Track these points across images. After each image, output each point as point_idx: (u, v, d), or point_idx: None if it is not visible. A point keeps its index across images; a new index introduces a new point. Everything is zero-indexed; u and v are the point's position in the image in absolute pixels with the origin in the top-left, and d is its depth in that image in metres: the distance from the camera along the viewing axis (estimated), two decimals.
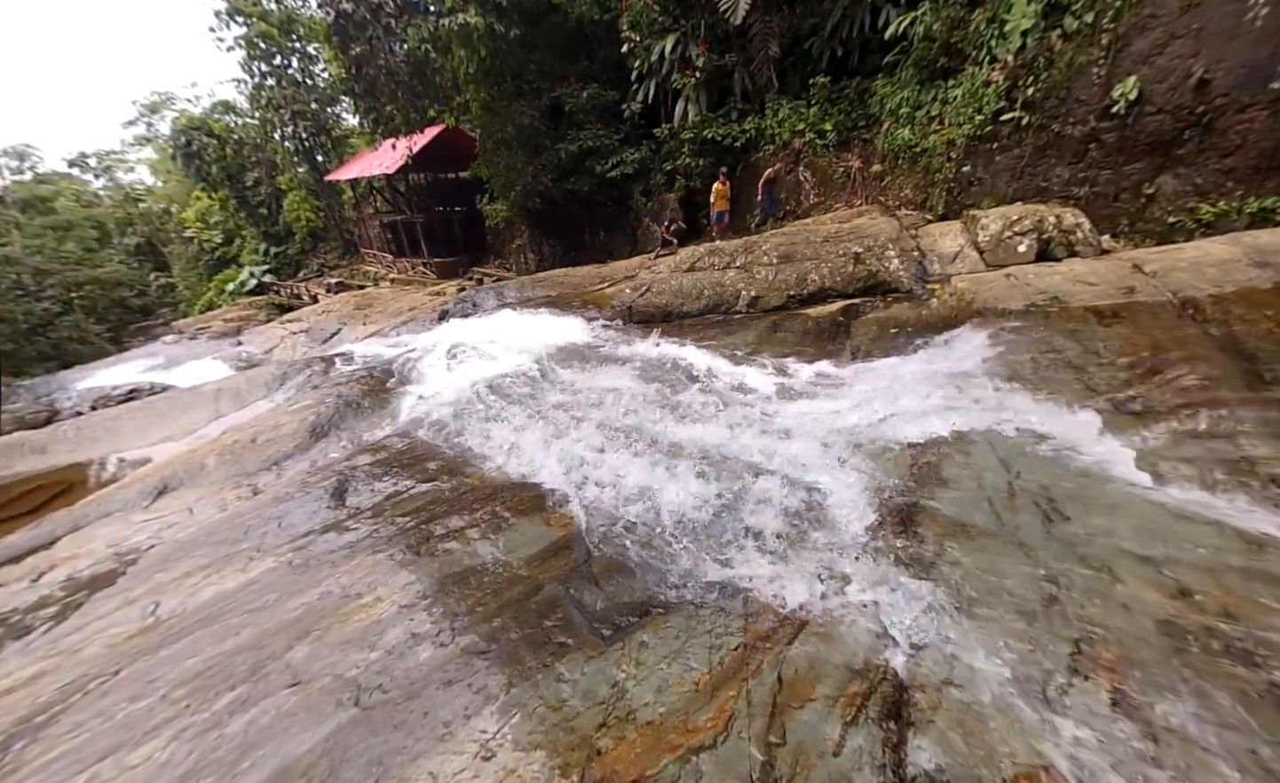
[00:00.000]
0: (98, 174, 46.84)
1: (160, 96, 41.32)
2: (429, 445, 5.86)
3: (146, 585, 3.58)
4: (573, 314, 12.27)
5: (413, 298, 22.73)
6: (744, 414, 5.33)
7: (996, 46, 9.64)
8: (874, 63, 12.93)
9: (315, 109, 29.13)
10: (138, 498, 6.12)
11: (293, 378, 11.08)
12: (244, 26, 26.81)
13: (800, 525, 3.41)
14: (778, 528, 3.38)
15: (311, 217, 32.32)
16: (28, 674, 2.94)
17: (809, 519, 3.46)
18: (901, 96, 11.83)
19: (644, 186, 17.77)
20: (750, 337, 8.57)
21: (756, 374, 6.75)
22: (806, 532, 3.36)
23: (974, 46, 10.12)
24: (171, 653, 2.77)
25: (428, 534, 3.54)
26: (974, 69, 10.10)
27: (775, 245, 10.36)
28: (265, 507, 4.62)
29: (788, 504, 3.59)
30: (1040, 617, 2.65)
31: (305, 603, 2.99)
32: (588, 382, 7.49)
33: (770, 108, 14.34)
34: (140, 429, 9.93)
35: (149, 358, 23.78)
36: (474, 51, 14.80)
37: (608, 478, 4.22)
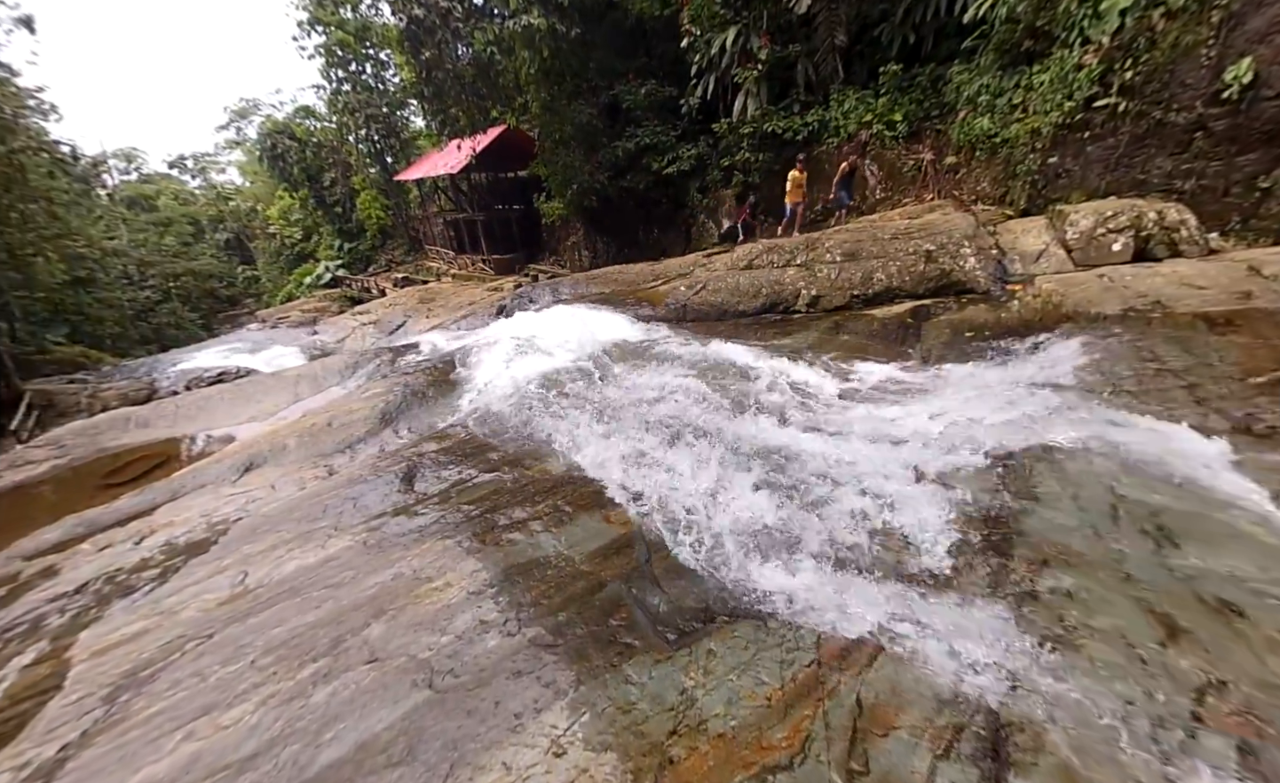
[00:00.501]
0: (194, 174, 51.39)
1: (248, 103, 44.89)
2: (490, 437, 5.99)
3: (236, 556, 3.85)
4: (626, 311, 12.28)
5: (472, 293, 23.53)
6: (807, 418, 5.13)
7: (1090, 27, 8.85)
8: (950, 48, 12.22)
9: (386, 113, 30.70)
10: (227, 473, 6.63)
11: (363, 367, 11.70)
12: (323, 35, 28.60)
13: (875, 541, 3.23)
14: (849, 542, 3.21)
15: (381, 215, 34.12)
16: (133, 630, 3.21)
17: (884, 534, 3.26)
18: (980, 83, 11.09)
19: (700, 183, 17.58)
20: (811, 337, 8.28)
21: (819, 376, 6.51)
22: (882, 548, 3.17)
23: (1063, 28, 9.34)
24: (259, 621, 2.96)
25: (492, 524, 3.62)
26: (1063, 52, 9.33)
27: (839, 243, 9.97)
28: (341, 488, 4.87)
29: (859, 517, 3.40)
30: (1154, 658, 2.37)
31: (379, 582, 3.12)
32: (643, 379, 7.45)
33: (835, 99, 13.83)
34: (229, 409, 10.76)
35: (236, 344, 25.78)
36: (536, 52, 15.09)
37: (666, 478, 4.17)
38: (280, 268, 40.62)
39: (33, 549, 6.01)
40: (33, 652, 3.21)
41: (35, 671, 3.00)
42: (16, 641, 3.42)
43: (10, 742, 2.45)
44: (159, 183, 47.95)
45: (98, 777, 2.19)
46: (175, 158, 51.03)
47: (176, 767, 2.16)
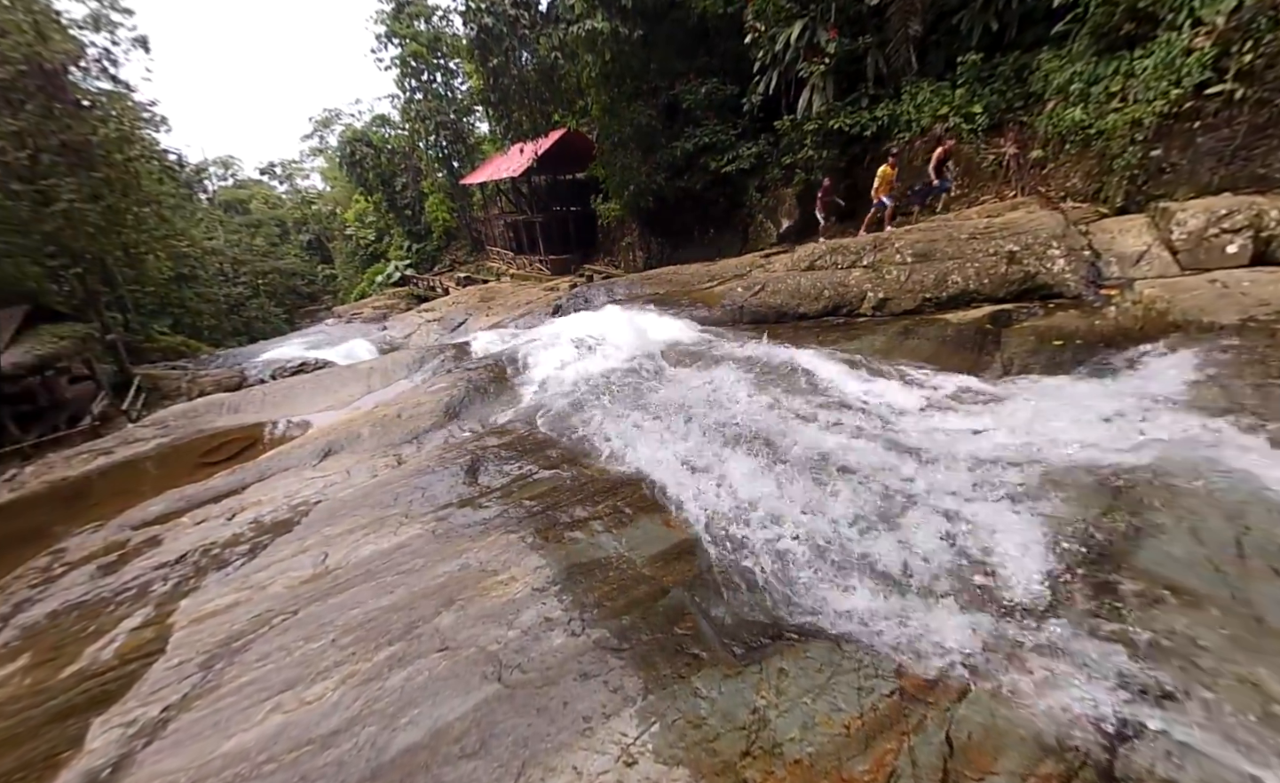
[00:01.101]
0: (282, 180, 55.79)
1: (331, 113, 48.25)
2: (548, 434, 6.08)
3: (317, 537, 4.08)
4: (681, 312, 12.19)
5: (529, 292, 24.15)
6: (877, 428, 4.87)
7: (1202, 7, 7.97)
8: (1037, 35, 11.38)
9: (454, 119, 32.17)
10: (309, 457, 7.08)
11: (429, 362, 12.24)
12: (399, 47, 30.30)
13: (959, 565, 2.99)
14: (930, 566, 2.99)
15: (447, 217, 35.74)
16: (226, 602, 3.47)
17: (968, 559, 3.02)
18: (1072, 71, 10.23)
19: (759, 182, 17.25)
20: (878, 342, 7.89)
21: (888, 384, 6.18)
22: (968, 573, 2.94)
23: (1170, 9, 8.46)
24: (339, 602, 3.12)
25: (554, 521, 3.65)
26: (1170, 35, 8.44)
27: (910, 243, 9.47)
28: (410, 477, 5.08)
29: (940, 539, 3.17)
30: None
31: (448, 572, 3.22)
32: (699, 382, 7.35)
33: (908, 91, 13.18)
34: (310, 398, 11.55)
35: (314, 337, 27.67)
36: (598, 55, 15.27)
37: (727, 484, 4.06)
38: (355, 267, 43.35)
39: (140, 520, 6.65)
40: (140, 615, 3.53)
41: (141, 634, 3.30)
42: (126, 603, 3.78)
43: (119, 700, 2.70)
44: (251, 188, 52.36)
45: (195, 740, 2.37)
46: (266, 165, 55.67)
47: (265, 737, 2.30)
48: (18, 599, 5.26)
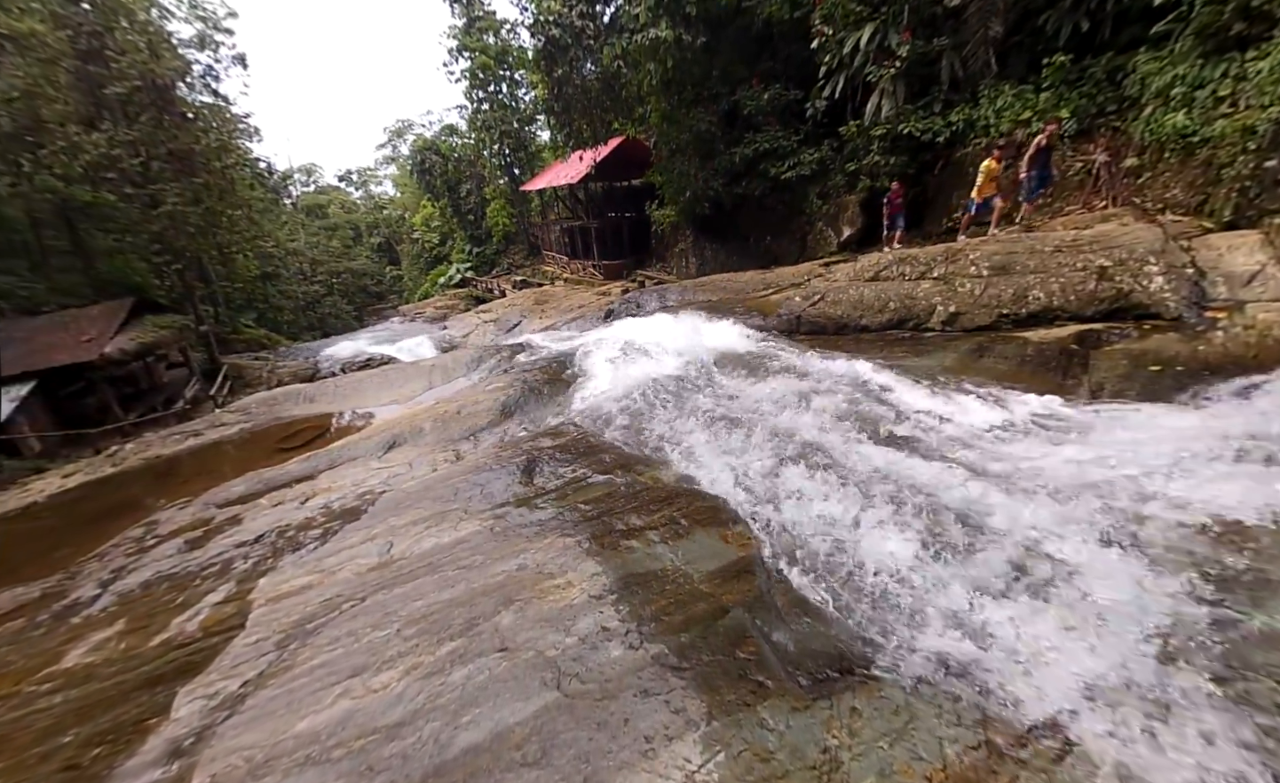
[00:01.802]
0: (357, 186, 59.56)
1: (403, 124, 51.23)
2: (601, 437, 6.09)
3: (383, 526, 4.25)
4: (735, 320, 11.99)
5: (582, 296, 24.54)
6: (950, 450, 4.57)
7: None
8: (1134, 35, 10.53)
9: (517, 128, 33.37)
10: (375, 449, 7.42)
11: (486, 361, 12.63)
12: (468, 60, 31.77)
13: (1051, 609, 2.72)
14: (1014, 609, 2.73)
15: (506, 222, 37.04)
16: (300, 584, 3.65)
17: (1061, 604, 2.74)
18: (1175, 74, 9.38)
19: (820, 188, 16.81)
20: (949, 359, 7.46)
21: (962, 403, 5.81)
22: (1061, 620, 2.66)
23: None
24: (403, 592, 3.21)
25: (609, 527, 3.62)
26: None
27: (987, 254, 8.93)
28: (469, 473, 5.20)
29: (1024, 578, 2.90)
30: None
31: (506, 571, 3.25)
32: (755, 392, 7.17)
33: (986, 95, 12.51)
34: (376, 392, 12.17)
35: (381, 333, 29.21)
36: (660, 63, 15.35)
37: (786, 501, 3.90)
38: (420, 268, 45.61)
39: (223, 499, 7.16)
40: (223, 590, 3.77)
41: (224, 608, 3.52)
42: (211, 578, 4.06)
43: (202, 671, 2.88)
44: (330, 194, 56.19)
45: (270, 717, 2.48)
46: (344, 172, 59.68)
47: (333, 721, 2.38)
48: (115, 566, 5.77)
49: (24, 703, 2.90)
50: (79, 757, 2.44)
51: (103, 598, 4.17)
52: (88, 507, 9.44)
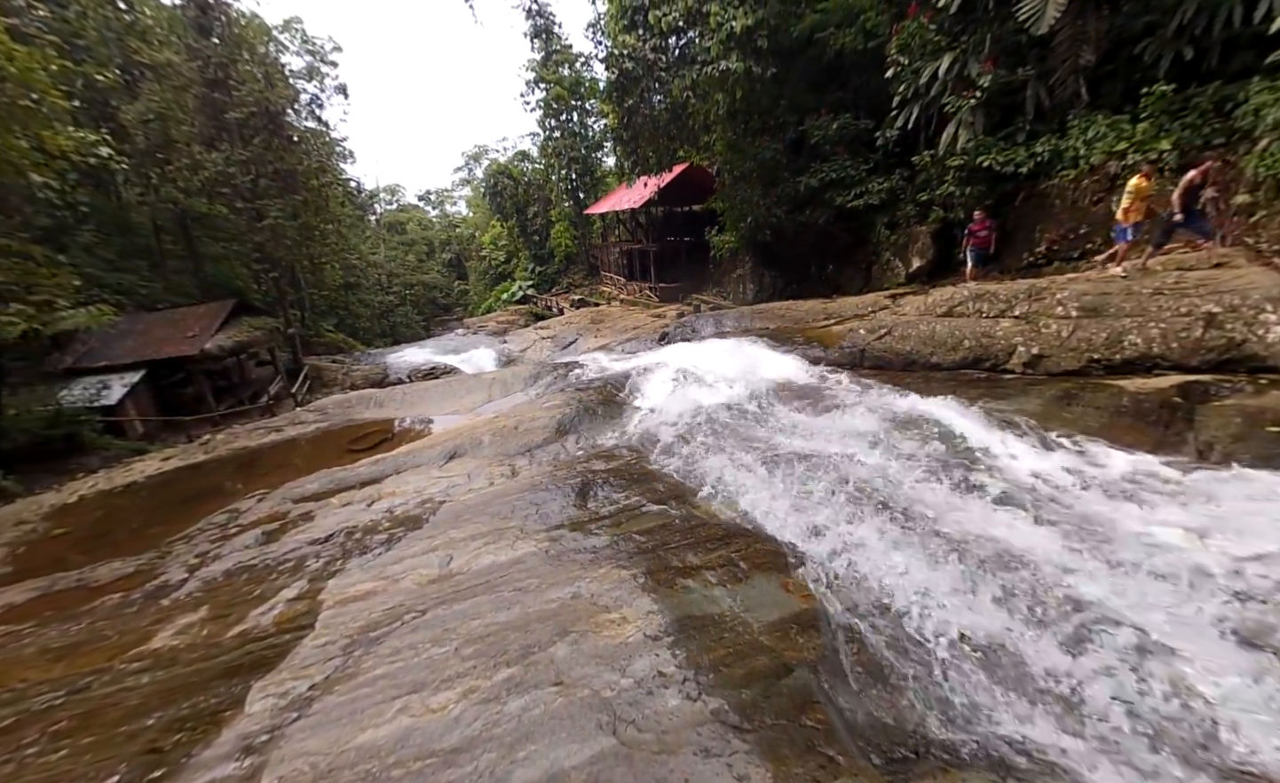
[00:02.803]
0: (434, 206, 63.52)
1: (479, 148, 54.45)
2: (655, 465, 6.04)
3: (443, 538, 4.36)
4: (794, 350, 11.72)
5: (637, 318, 24.81)
6: (1037, 509, 4.19)
7: None
8: (1245, 63, 9.71)
9: (584, 154, 34.71)
10: (437, 458, 7.71)
11: (543, 378, 12.94)
12: (544, 91, 33.54)
13: (1162, 705, 2.39)
14: (1117, 696, 2.42)
15: (569, 243, 38.35)
16: (365, 589, 3.79)
17: (1178, 700, 2.39)
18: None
19: (889, 218, 16.33)
20: (1032, 405, 6.92)
21: (1048, 457, 5.35)
22: (1174, 718, 2.33)
23: None
24: (462, 609, 3.26)
25: (665, 563, 3.54)
26: None
27: (1077, 294, 8.31)
28: (525, 491, 5.29)
29: (1134, 665, 2.56)
30: None
31: (560, 599, 3.24)
32: (817, 428, 6.93)
33: (1076, 125, 11.82)
34: (439, 401, 12.73)
35: (446, 343, 30.63)
36: (729, 94, 15.50)
37: (852, 551, 3.69)
38: (485, 284, 47.85)
39: (299, 494, 7.63)
40: (295, 588, 3.98)
41: (296, 606, 3.70)
42: (285, 575, 4.29)
43: (275, 668, 3.03)
44: (410, 212, 60.27)
45: (335, 725, 2.55)
46: (424, 193, 64.07)
47: (393, 737, 2.42)
48: (201, 550, 6.24)
49: (115, 679, 3.14)
50: (161, 741, 2.61)
51: (189, 583, 4.50)
52: (179, 489, 10.34)
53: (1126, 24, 11.29)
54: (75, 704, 2.95)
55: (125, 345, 18.52)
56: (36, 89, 9.50)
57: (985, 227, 12.21)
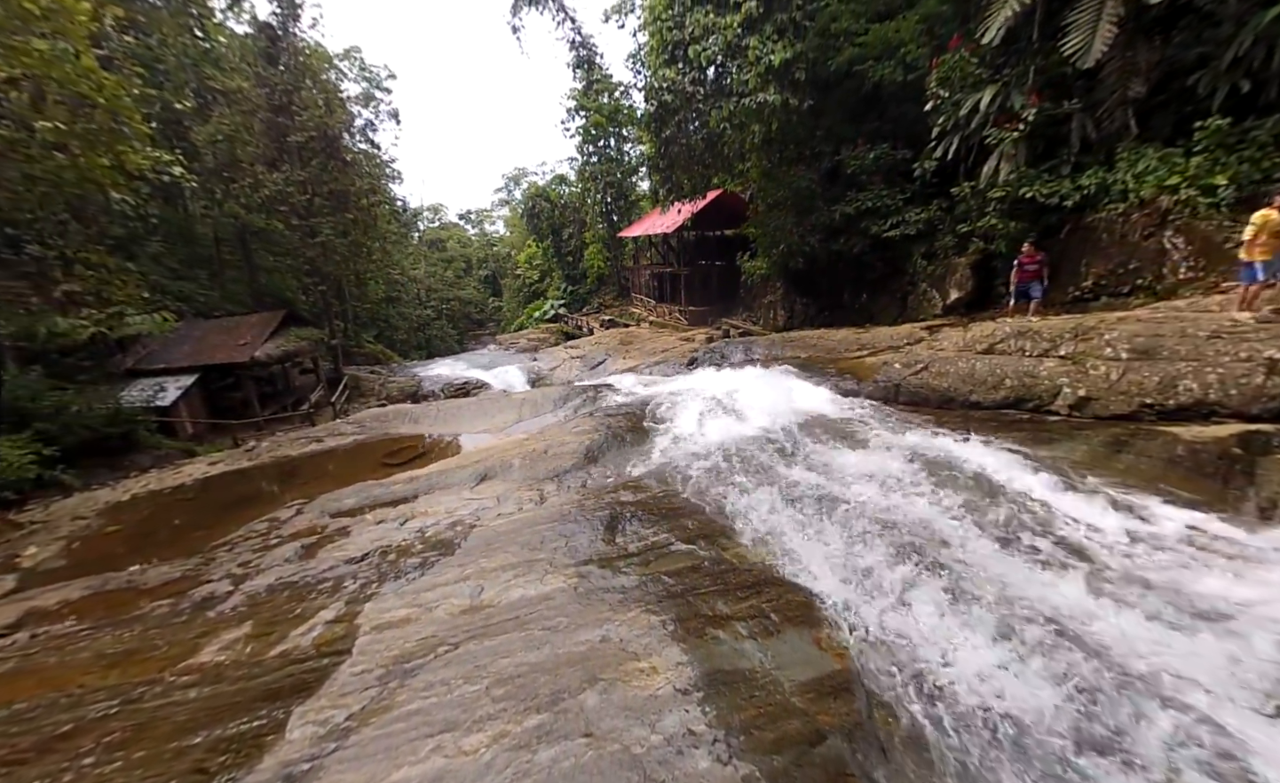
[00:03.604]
0: (473, 224, 65.72)
1: (519, 171, 56.37)
2: (683, 498, 6.02)
3: (474, 567, 4.44)
4: (825, 382, 11.58)
5: (665, 340, 24.94)
6: (1084, 566, 4.00)
7: None
8: None
9: (619, 179, 35.53)
10: (468, 479, 7.87)
11: (573, 400, 13.09)
12: (583, 119, 34.65)
13: None
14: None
15: (602, 265, 39.10)
16: (400, 615, 3.88)
17: None
18: None
19: (927, 249, 16.09)
20: (1079, 452, 6.65)
21: (1094, 509, 5.11)
22: None
23: None
24: (493, 646, 3.31)
25: (694, 610, 3.51)
26: None
27: (1127, 334, 8.00)
28: (554, 521, 5.34)
29: (1202, 758, 2.41)
30: None
31: (589, 642, 3.24)
32: (849, 466, 6.80)
33: (1125, 158, 11.51)
34: (472, 419, 13.01)
35: (478, 358, 31.34)
36: (765, 124, 15.65)
37: (886, 606, 3.59)
38: (519, 301, 49.04)
39: (336, 509, 7.87)
40: (333, 609, 4.10)
41: (334, 628, 3.82)
42: (324, 594, 4.43)
43: (314, 693, 3.11)
44: (450, 230, 62.57)
45: (370, 760, 2.60)
46: (465, 212, 66.60)
47: (426, 779, 2.45)
48: (243, 560, 6.49)
49: (165, 692, 3.29)
50: (207, 761, 2.71)
51: (234, 597, 4.69)
52: (224, 494, 10.81)
53: (1178, 55, 10.99)
54: (128, 715, 3.10)
55: (182, 350, 19.58)
56: (122, 114, 10.31)
57: (1035, 260, 11.77)
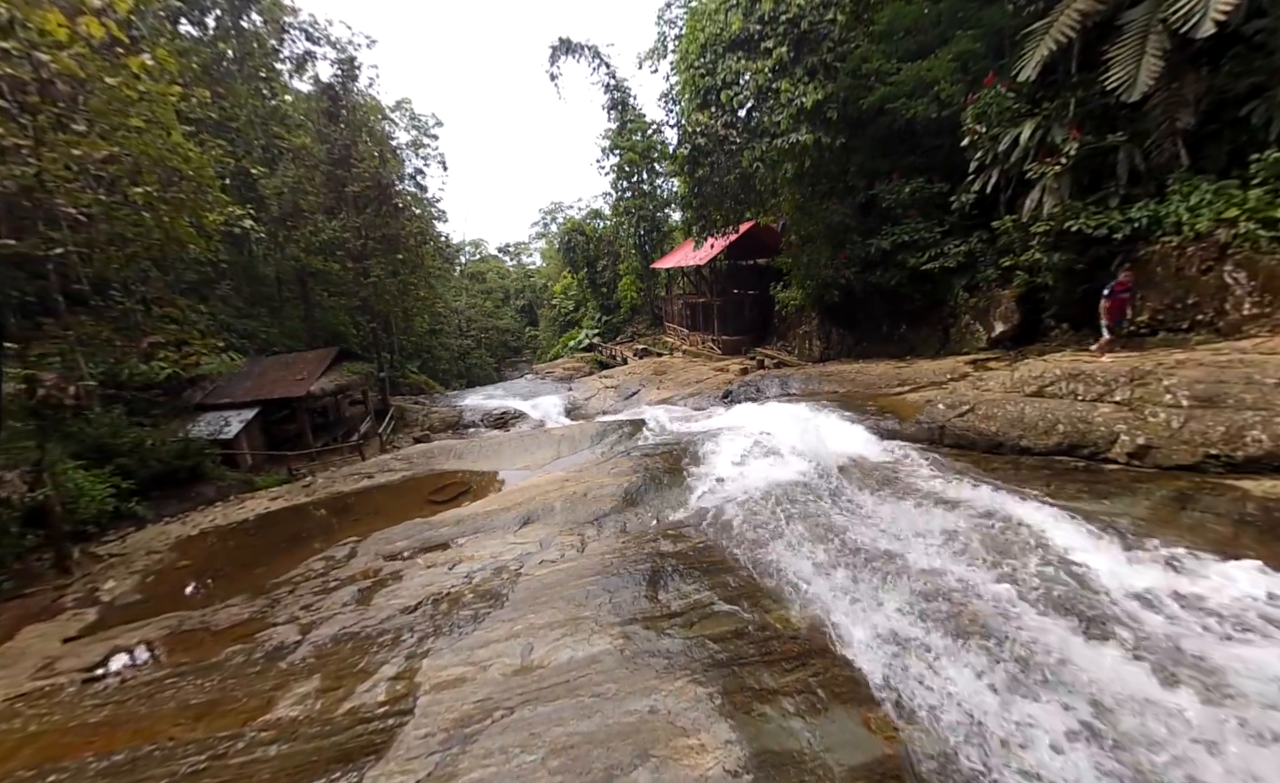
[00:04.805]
0: (511, 257, 68.10)
1: (554, 205, 58.40)
2: (724, 550, 6.06)
3: (523, 624, 4.62)
4: (865, 420, 11.43)
5: (699, 370, 25.01)
6: (1156, 648, 3.81)
7: None
8: None
9: (652, 211, 36.39)
10: (511, 522, 8.13)
11: (609, 436, 13.32)
12: (618, 156, 35.87)
13: None
14: None
15: (635, 295, 39.79)
16: (456, 674, 4.08)
17: None
18: None
19: (968, 281, 15.78)
20: (1141, 507, 6.37)
21: (1159, 575, 4.89)
22: None
23: None
24: (546, 712, 3.44)
25: (741, 682, 3.55)
26: None
27: (1187, 380, 7.67)
28: (596, 574, 5.49)
29: None
30: None
31: (639, 713, 3.33)
32: (894, 519, 6.71)
33: (1177, 190, 11.12)
34: (512, 455, 13.41)
35: (516, 387, 32.11)
36: (797, 163, 15.85)
37: (938, 683, 3.54)
38: (554, 331, 50.29)
39: (389, 551, 8.23)
40: (394, 665, 4.34)
41: (396, 686, 4.04)
42: (385, 648, 4.69)
43: (383, 756, 3.30)
44: (489, 262, 65.05)
45: None
46: (503, 245, 69.28)
47: None
48: (305, 603, 6.86)
49: (248, 749, 3.56)
50: None
51: (302, 647, 5.00)
52: (283, 530, 11.43)
53: (1228, 85, 10.63)
54: (217, 771, 3.37)
55: (244, 386, 20.90)
56: (205, 183, 11.40)
57: (1128, 287, 10.54)
